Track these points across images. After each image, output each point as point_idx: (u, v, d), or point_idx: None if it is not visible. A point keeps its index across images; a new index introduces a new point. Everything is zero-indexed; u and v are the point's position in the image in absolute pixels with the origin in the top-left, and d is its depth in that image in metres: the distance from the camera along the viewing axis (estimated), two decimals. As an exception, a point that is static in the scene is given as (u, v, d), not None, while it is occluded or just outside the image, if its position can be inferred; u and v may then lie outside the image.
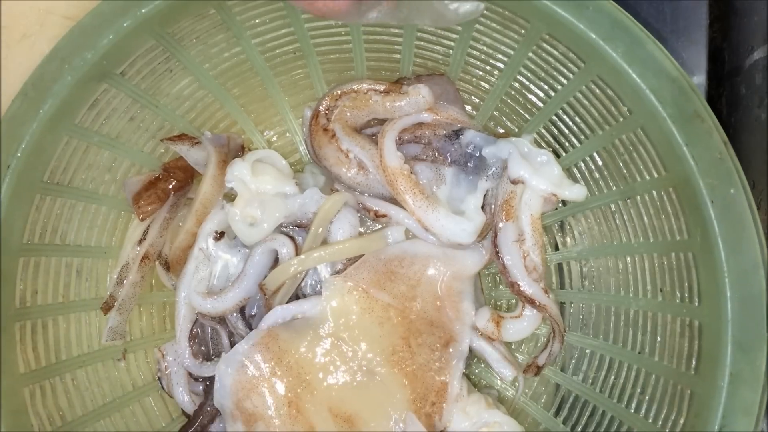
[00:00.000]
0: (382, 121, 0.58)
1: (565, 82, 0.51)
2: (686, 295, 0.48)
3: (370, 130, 0.59)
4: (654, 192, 0.49)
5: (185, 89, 0.56)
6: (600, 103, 0.49)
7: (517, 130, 0.58)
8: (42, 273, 0.54)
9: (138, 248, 0.59)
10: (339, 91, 0.58)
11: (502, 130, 0.59)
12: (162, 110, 0.56)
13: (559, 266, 0.60)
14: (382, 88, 0.58)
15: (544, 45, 0.49)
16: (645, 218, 0.51)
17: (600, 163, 0.53)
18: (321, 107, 0.58)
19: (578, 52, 0.47)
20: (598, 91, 0.49)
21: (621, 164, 0.51)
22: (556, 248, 0.61)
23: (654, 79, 0.44)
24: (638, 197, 0.51)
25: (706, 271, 0.46)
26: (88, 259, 0.57)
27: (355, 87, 0.58)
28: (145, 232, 0.59)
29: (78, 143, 0.52)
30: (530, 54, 0.50)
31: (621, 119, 0.48)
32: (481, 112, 0.59)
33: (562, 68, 0.50)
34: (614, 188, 0.53)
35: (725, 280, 0.44)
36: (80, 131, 0.51)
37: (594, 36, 0.44)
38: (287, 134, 0.64)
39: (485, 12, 0.49)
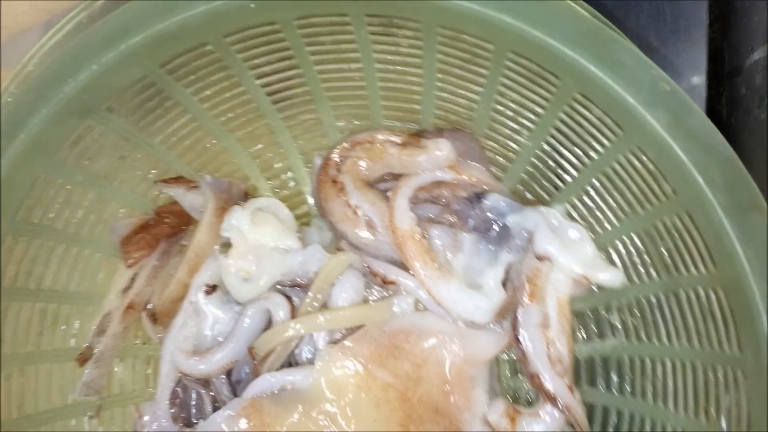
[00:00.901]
0: (398, 177, 0.52)
1: (600, 150, 0.43)
2: (734, 426, 0.39)
3: (383, 185, 0.53)
4: (701, 289, 0.40)
5: (183, 129, 0.51)
6: (641, 178, 0.41)
7: (548, 197, 0.51)
8: (11, 320, 0.49)
9: (123, 297, 0.54)
10: (352, 141, 0.53)
11: (531, 197, 0.52)
12: (156, 150, 0.51)
13: (590, 361, 0.52)
14: (399, 140, 0.52)
15: (577, 106, 0.41)
16: (690, 319, 0.42)
17: (640, 246, 0.45)
18: (332, 156, 0.53)
19: (615, 118, 0.39)
20: (638, 163, 0.41)
21: (664, 251, 0.43)
22: (587, 339, 0.52)
23: (703, 158, 0.36)
24: (683, 292, 0.42)
25: (758, 402, 0.37)
26: (66, 306, 0.52)
27: (369, 137, 0.52)
28: (132, 280, 0.54)
29: (60, 182, 0.47)
30: (561, 114, 0.43)
31: (664, 199, 0.40)
32: (508, 174, 0.52)
33: (597, 134, 0.42)
34: (656, 278, 0.45)
35: (781, 419, 0.35)
36: (60, 169, 0.46)
37: (632, 101, 0.37)
38: (295, 183, 0.58)
39: (510, 64, 0.42)
